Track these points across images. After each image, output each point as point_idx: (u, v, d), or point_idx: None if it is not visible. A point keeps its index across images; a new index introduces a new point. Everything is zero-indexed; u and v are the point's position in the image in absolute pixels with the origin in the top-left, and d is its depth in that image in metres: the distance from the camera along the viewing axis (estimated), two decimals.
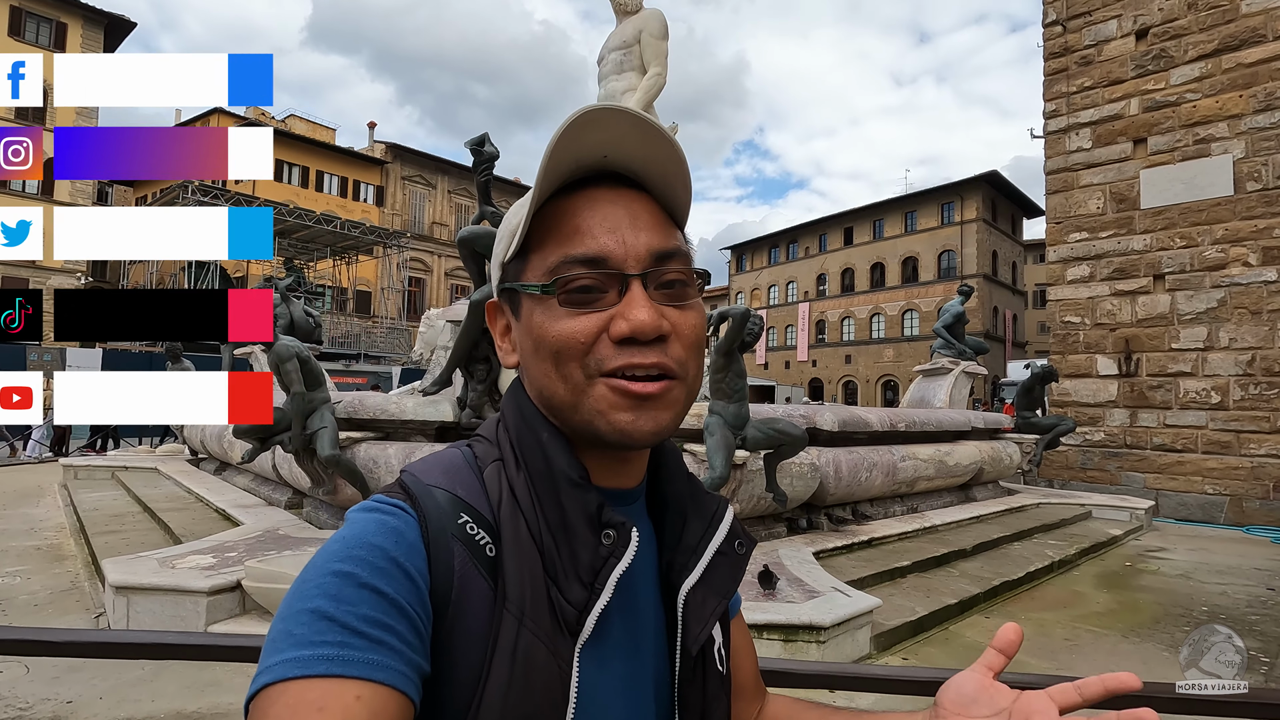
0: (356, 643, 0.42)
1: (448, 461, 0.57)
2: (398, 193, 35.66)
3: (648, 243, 0.53)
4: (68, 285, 27.55)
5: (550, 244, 0.54)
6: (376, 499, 0.51)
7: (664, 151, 0.54)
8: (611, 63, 7.67)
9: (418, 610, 0.46)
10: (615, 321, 0.52)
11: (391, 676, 0.42)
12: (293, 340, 4.86)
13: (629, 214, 0.54)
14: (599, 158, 0.53)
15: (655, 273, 0.53)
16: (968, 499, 7.55)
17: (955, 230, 37.55)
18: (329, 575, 0.44)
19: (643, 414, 0.52)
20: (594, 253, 0.52)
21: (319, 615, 0.42)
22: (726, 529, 0.62)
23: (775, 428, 4.68)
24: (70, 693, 2.85)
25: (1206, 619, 4.45)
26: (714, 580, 0.59)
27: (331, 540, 0.48)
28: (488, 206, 5.64)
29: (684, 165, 0.55)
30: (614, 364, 0.52)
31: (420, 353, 8.54)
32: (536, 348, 0.54)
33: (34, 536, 5.74)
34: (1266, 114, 9.07)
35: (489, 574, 0.50)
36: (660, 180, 0.56)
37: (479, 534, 0.51)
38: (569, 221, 0.53)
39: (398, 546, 0.47)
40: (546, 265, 0.53)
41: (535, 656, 0.49)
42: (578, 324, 0.52)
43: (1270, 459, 8.74)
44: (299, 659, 0.41)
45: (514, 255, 0.57)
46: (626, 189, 0.55)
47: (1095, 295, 10.40)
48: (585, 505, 0.53)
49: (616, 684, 0.53)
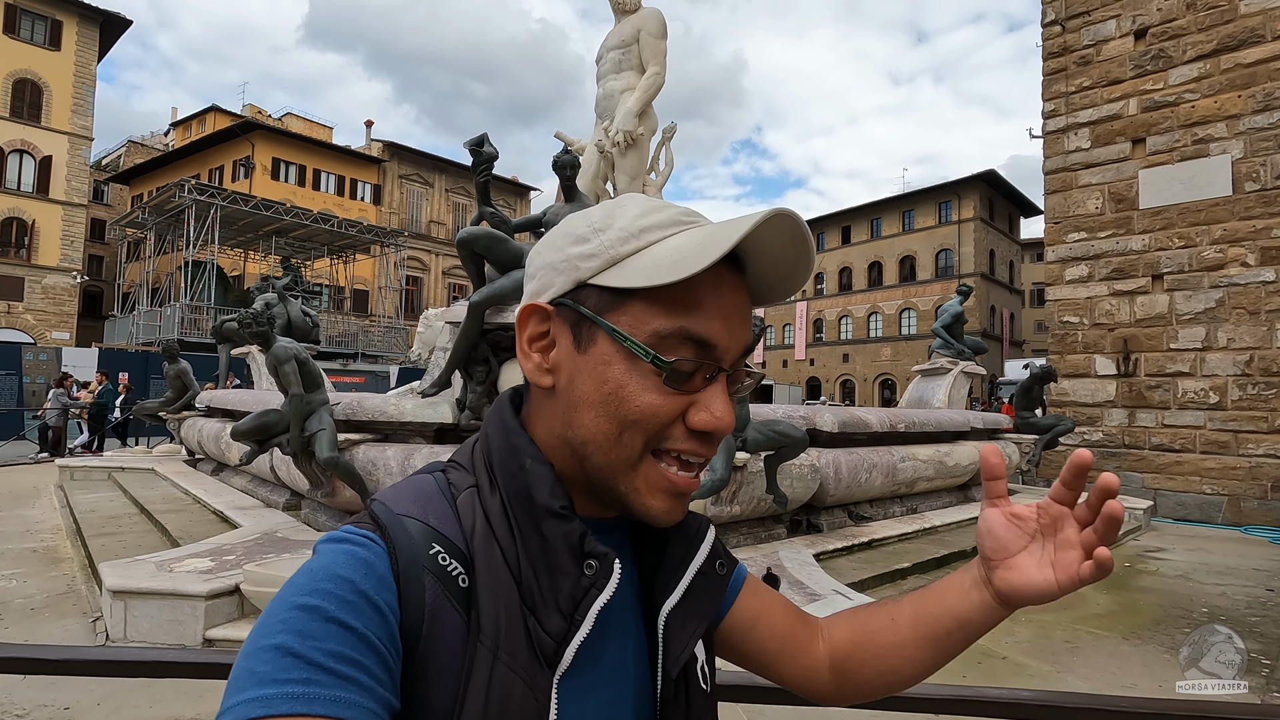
0: (323, 679, 0.40)
1: (420, 489, 0.55)
2: (395, 191, 35.60)
3: (744, 338, 0.54)
4: (63, 284, 27.45)
5: (667, 303, 0.50)
6: (346, 530, 0.50)
7: (800, 276, 0.55)
8: (610, 62, 7.66)
9: (387, 645, 0.44)
10: (698, 411, 0.51)
11: (359, 714, 0.40)
12: (291, 342, 4.83)
13: (741, 302, 0.54)
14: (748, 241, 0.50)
15: (736, 374, 0.54)
16: (967, 499, 7.55)
17: (953, 229, 37.61)
18: (294, 609, 0.43)
19: (677, 505, 0.54)
20: (709, 337, 0.51)
21: (284, 651, 0.41)
22: (708, 549, 0.62)
23: (776, 429, 4.67)
24: (67, 699, 2.83)
25: (1206, 620, 4.45)
26: (694, 601, 0.59)
27: (298, 573, 0.46)
28: (486, 207, 5.62)
29: (806, 276, 0.56)
30: (680, 446, 0.52)
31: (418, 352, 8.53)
32: (605, 402, 0.51)
33: (30, 539, 5.71)
34: (1265, 114, 9.08)
35: (462, 606, 0.49)
36: (770, 282, 0.56)
37: (451, 564, 0.50)
38: (694, 291, 0.50)
39: (366, 579, 0.46)
40: (655, 326, 0.50)
41: (511, 691, 0.47)
42: (666, 403, 0.51)
43: (1268, 459, 8.76)
44: (262, 698, 0.39)
45: (614, 285, 0.51)
46: (737, 274, 0.54)
47: (1094, 295, 10.41)
48: (567, 535, 0.51)
49: (597, 712, 0.53)
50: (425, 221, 36.40)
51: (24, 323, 26.17)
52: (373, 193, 35.13)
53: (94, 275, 34.10)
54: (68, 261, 27.52)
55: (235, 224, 25.66)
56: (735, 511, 4.88)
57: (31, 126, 26.67)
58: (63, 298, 27.37)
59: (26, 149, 26.64)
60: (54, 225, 27.19)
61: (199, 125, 38.68)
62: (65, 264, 27.43)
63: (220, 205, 23.52)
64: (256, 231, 26.98)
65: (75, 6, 27.34)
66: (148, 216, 25.60)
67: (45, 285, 26.94)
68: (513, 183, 39.90)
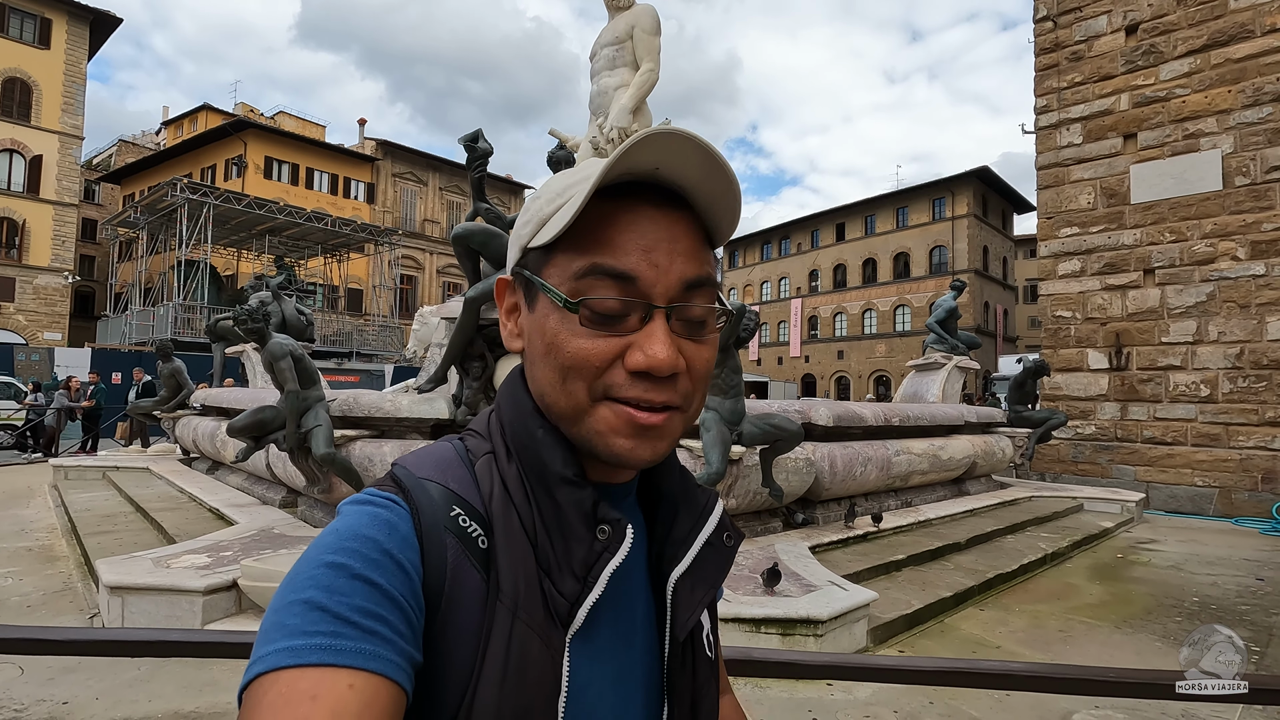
0: (349, 632, 0.42)
1: (440, 455, 0.57)
2: (389, 190, 35.49)
3: (680, 271, 0.52)
4: (54, 284, 27.27)
5: (582, 246, 0.52)
6: (369, 492, 0.52)
7: (721, 184, 0.52)
8: (604, 59, 7.65)
9: (410, 602, 0.46)
10: (633, 352, 0.51)
11: (384, 666, 0.42)
12: (286, 338, 4.83)
13: (669, 235, 0.52)
14: (651, 169, 0.51)
15: (680, 308, 0.52)
16: (961, 493, 7.59)
17: (947, 226, 37.71)
18: (321, 567, 0.44)
19: (642, 443, 0.52)
20: (626, 269, 0.51)
21: (312, 606, 0.42)
22: (716, 521, 0.63)
23: (771, 423, 4.69)
24: (66, 693, 2.83)
25: (1198, 609, 4.50)
26: (702, 570, 0.60)
27: (324, 533, 0.48)
28: (481, 203, 5.62)
29: (738, 193, 0.54)
30: (625, 394, 0.51)
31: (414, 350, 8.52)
32: (547, 352, 0.53)
33: (25, 538, 5.69)
34: (1255, 109, 9.14)
35: (482, 567, 0.50)
36: (707, 202, 0.54)
37: (471, 526, 0.51)
38: (605, 229, 0.51)
39: (390, 539, 0.47)
40: (573, 269, 0.52)
41: (529, 648, 0.49)
42: (594, 346, 0.51)
43: (1259, 451, 8.83)
44: (292, 648, 0.41)
45: (540, 245, 0.54)
46: (670, 208, 0.53)
47: (1086, 290, 10.47)
48: (580, 502, 0.53)
49: (608, 675, 0.54)
50: (419, 220, 36.30)
51: (15, 323, 26.00)
52: (366, 191, 35.01)
53: (86, 275, 33.89)
54: (59, 261, 27.34)
55: (228, 223, 25.55)
56: (731, 505, 4.90)
57: (21, 126, 26.48)
58: (54, 298, 27.20)
59: (16, 148, 26.45)
60: (45, 225, 27.01)
61: (190, 124, 38.48)
62: (57, 264, 27.25)
63: (213, 204, 23.42)
64: (250, 230, 26.86)
65: (65, 5, 27.14)
66: (140, 216, 25.46)
67: (37, 285, 26.76)
68: (507, 181, 39.82)
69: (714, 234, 0.57)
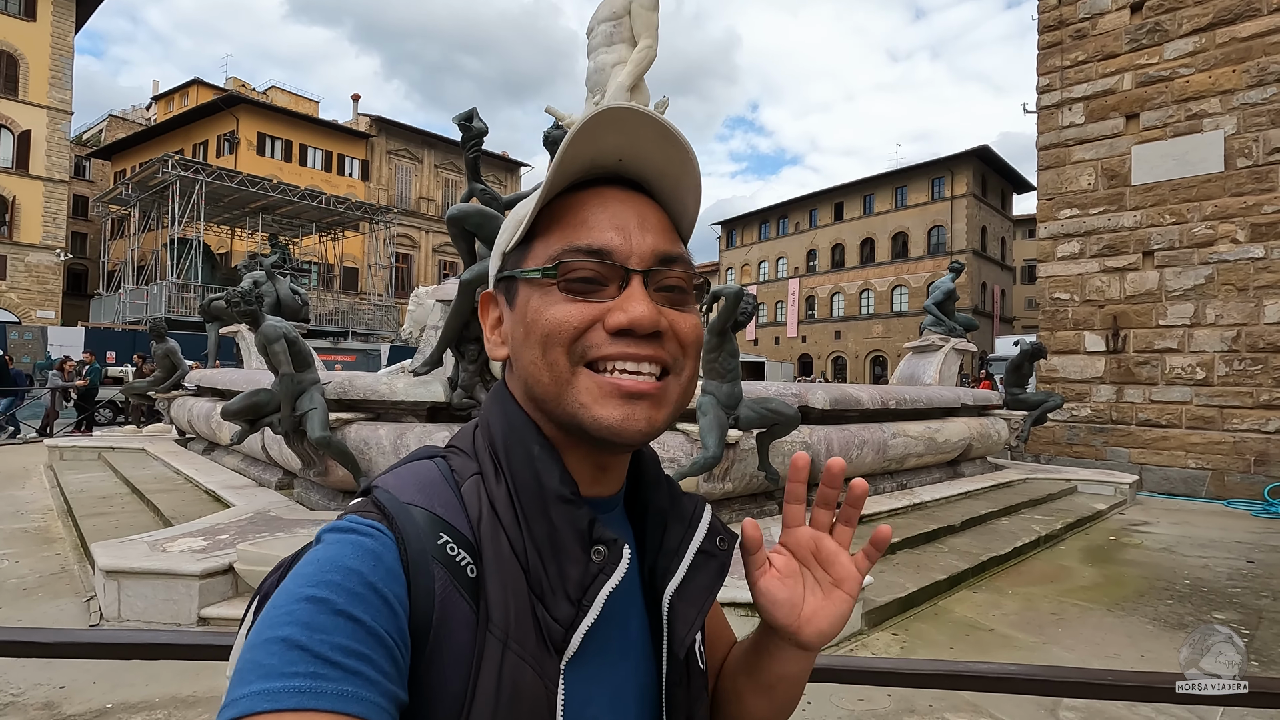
0: (330, 673, 0.39)
1: (424, 476, 0.55)
2: (383, 167, 35.12)
3: (653, 244, 0.53)
4: (46, 261, 27.04)
5: (556, 234, 0.54)
6: (351, 519, 0.49)
7: (680, 161, 0.54)
8: (601, 34, 7.52)
9: (395, 639, 0.44)
10: (613, 313, 0.51)
11: (367, 709, 0.40)
12: (280, 321, 4.79)
13: (637, 215, 0.54)
14: (614, 161, 0.53)
15: (657, 273, 0.53)
16: (956, 475, 7.63)
17: (945, 205, 37.53)
18: (301, 601, 0.42)
19: (635, 409, 0.51)
20: (599, 245, 0.52)
21: (290, 644, 0.40)
22: (706, 527, 0.61)
23: (768, 407, 4.69)
24: (63, 678, 2.84)
25: (1189, 592, 4.54)
26: (698, 580, 0.59)
27: (303, 563, 0.45)
28: (476, 183, 5.54)
29: (698, 178, 0.56)
30: (604, 351, 0.51)
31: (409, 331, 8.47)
32: (528, 333, 0.53)
33: (20, 519, 5.69)
34: (1259, 89, 9.04)
35: (471, 596, 0.49)
36: (672, 190, 0.56)
37: (460, 555, 0.50)
38: (576, 215, 0.53)
39: (375, 571, 0.45)
40: (549, 253, 0.53)
41: (522, 679, 0.48)
42: (573, 310, 0.52)
43: (1252, 434, 8.88)
44: (268, 692, 0.38)
45: (516, 245, 0.57)
46: (637, 193, 0.55)
47: (1085, 272, 10.43)
48: (575, 522, 0.52)
49: (604, 695, 0.53)
50: (415, 198, 35.99)
51: (8, 301, 25.81)
52: (361, 169, 34.64)
53: (78, 253, 33.60)
54: (51, 239, 27.08)
55: (221, 200, 25.29)
56: (728, 488, 4.91)
57: (8, 100, 26.04)
58: (47, 276, 26.98)
59: (4, 123, 26.05)
60: (35, 202, 26.69)
61: (181, 99, 37.91)
62: (48, 241, 26.98)
63: (205, 181, 23.15)
64: (243, 208, 26.61)
65: None
66: (131, 193, 25.19)
67: (28, 263, 26.52)
68: (503, 159, 39.44)
69: (680, 223, 0.58)
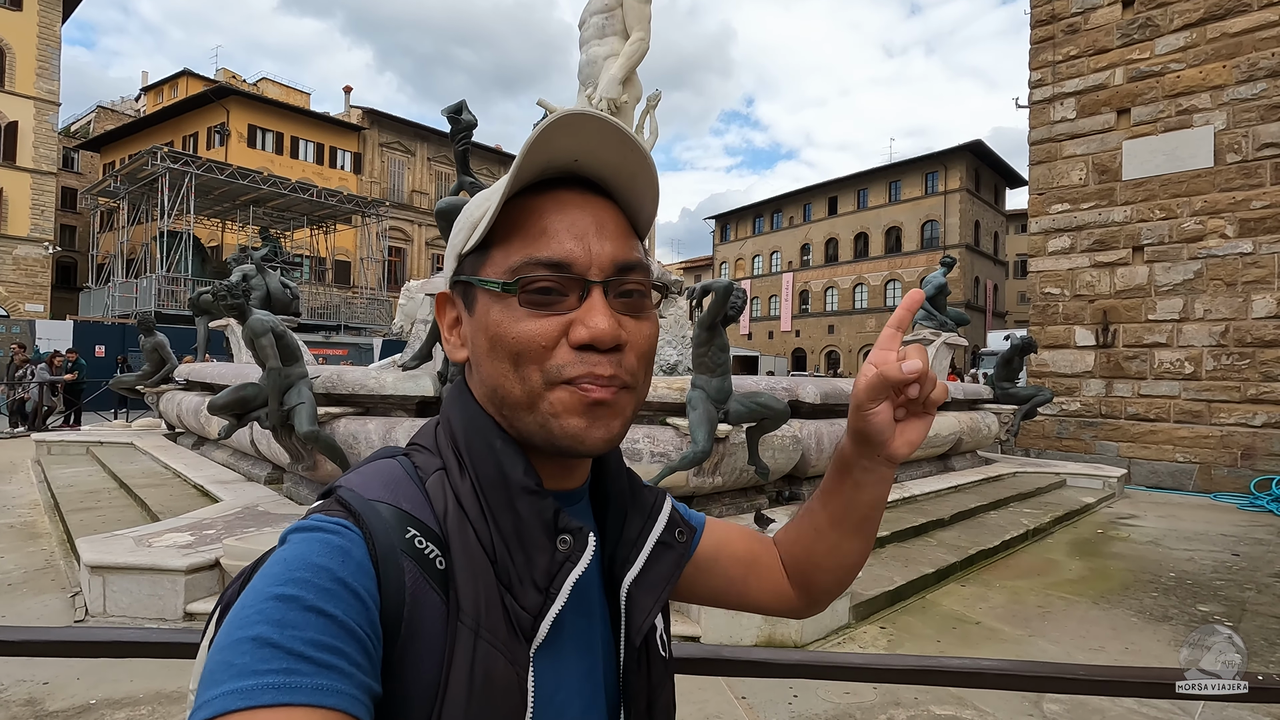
0: (304, 668, 0.39)
1: (387, 473, 0.55)
2: (376, 160, 34.86)
3: (612, 253, 0.54)
4: (34, 254, 26.77)
5: (514, 242, 0.53)
6: (317, 518, 0.49)
7: (635, 162, 0.54)
8: (593, 27, 7.48)
9: (368, 631, 0.44)
10: (575, 327, 0.52)
11: (343, 701, 0.40)
12: (267, 314, 4.75)
13: (595, 221, 0.54)
14: (570, 161, 0.54)
15: (616, 282, 0.54)
16: (946, 469, 7.67)
17: (939, 200, 37.60)
18: (271, 600, 0.42)
19: (596, 422, 0.53)
20: (559, 257, 0.52)
21: (261, 642, 0.40)
22: (665, 519, 0.64)
23: (758, 401, 4.69)
24: (46, 673, 2.82)
25: (1174, 584, 4.58)
26: (656, 571, 0.60)
27: (270, 562, 0.45)
28: (466, 176, 5.52)
29: (654, 178, 0.56)
30: (574, 372, 0.52)
31: (400, 324, 8.43)
32: (493, 346, 0.54)
33: (6, 514, 5.65)
34: (1249, 85, 9.08)
35: (440, 588, 0.50)
36: (628, 190, 0.56)
37: (428, 547, 0.50)
38: (535, 223, 0.53)
39: (344, 566, 0.45)
40: (509, 264, 0.53)
41: (494, 667, 0.48)
42: (538, 326, 0.52)
43: (1239, 428, 8.95)
44: (242, 690, 0.38)
45: (474, 248, 0.56)
46: (594, 195, 0.56)
47: (1075, 267, 10.47)
48: (541, 512, 0.53)
49: (572, 682, 0.54)
50: (407, 191, 35.76)
51: None
52: (353, 161, 34.39)
53: (67, 246, 33.29)
54: (39, 231, 26.80)
55: (211, 193, 25.07)
56: (717, 483, 4.91)
57: None
58: (35, 269, 26.72)
59: None
60: (23, 194, 26.40)
61: (171, 90, 37.53)
62: (36, 234, 26.70)
63: (195, 174, 22.95)
64: (233, 201, 26.39)
65: None
66: (120, 185, 24.93)
67: (16, 256, 26.25)
68: (496, 151, 39.19)
69: (637, 222, 0.58)
